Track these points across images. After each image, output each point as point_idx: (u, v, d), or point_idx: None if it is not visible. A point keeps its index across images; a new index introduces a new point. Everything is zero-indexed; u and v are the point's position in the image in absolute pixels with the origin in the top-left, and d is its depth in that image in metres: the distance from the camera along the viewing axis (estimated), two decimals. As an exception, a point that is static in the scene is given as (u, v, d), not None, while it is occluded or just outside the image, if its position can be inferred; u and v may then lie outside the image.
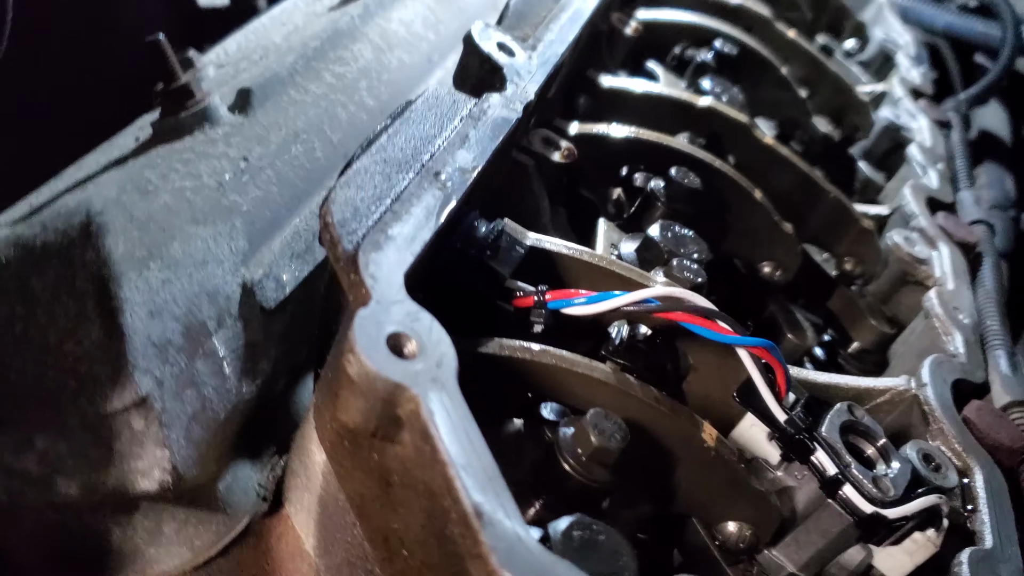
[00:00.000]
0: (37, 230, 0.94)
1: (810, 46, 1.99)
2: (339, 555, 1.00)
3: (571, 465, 0.89)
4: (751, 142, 1.51)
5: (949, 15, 2.59)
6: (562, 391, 0.97)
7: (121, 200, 0.95)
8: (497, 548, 0.68)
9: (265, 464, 1.11)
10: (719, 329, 0.97)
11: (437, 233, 0.91)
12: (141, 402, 0.88)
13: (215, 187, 1.01)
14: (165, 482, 0.93)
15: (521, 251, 1.04)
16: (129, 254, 0.91)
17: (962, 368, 1.31)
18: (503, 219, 1.05)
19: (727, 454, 0.97)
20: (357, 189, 0.87)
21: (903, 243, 1.53)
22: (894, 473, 1.00)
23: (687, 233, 1.23)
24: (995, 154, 2.54)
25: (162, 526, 1.00)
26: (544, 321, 1.00)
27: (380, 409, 0.76)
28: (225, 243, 0.99)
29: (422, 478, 0.76)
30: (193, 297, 0.94)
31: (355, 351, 0.75)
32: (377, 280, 0.81)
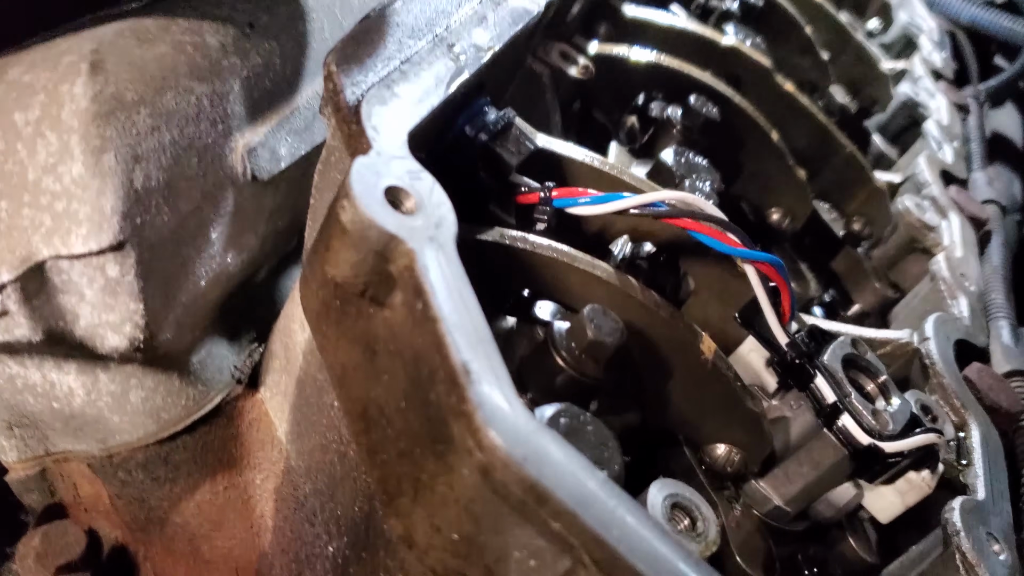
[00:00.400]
0: (25, 67, 0.89)
1: (836, 13, 1.95)
2: (312, 439, 0.96)
3: (564, 358, 0.84)
4: (772, 88, 1.47)
5: (974, 8, 2.55)
6: (561, 288, 0.92)
7: (117, 43, 0.90)
8: (483, 406, 0.64)
9: (243, 348, 1.07)
10: (728, 240, 0.93)
11: (445, 104, 0.86)
12: (118, 247, 0.84)
13: (217, 47, 0.96)
14: (136, 339, 0.88)
15: (530, 146, 0.99)
16: (119, 95, 0.86)
17: (966, 330, 1.27)
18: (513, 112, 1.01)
19: (724, 368, 0.93)
20: (366, 45, 0.83)
21: (914, 208, 1.50)
22: (894, 408, 0.97)
23: (701, 161, 1.19)
24: (1006, 156, 2.51)
25: (129, 393, 0.95)
26: (548, 220, 0.96)
27: (372, 262, 0.72)
28: (221, 104, 0.94)
29: (410, 340, 0.72)
30: (183, 151, 0.90)
31: (351, 197, 0.70)
32: (379, 132, 0.77)
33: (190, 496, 1.00)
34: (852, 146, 1.52)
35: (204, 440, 1.01)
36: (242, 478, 1.02)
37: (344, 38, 0.82)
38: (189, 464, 1.00)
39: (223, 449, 1.01)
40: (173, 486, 1.00)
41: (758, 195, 1.40)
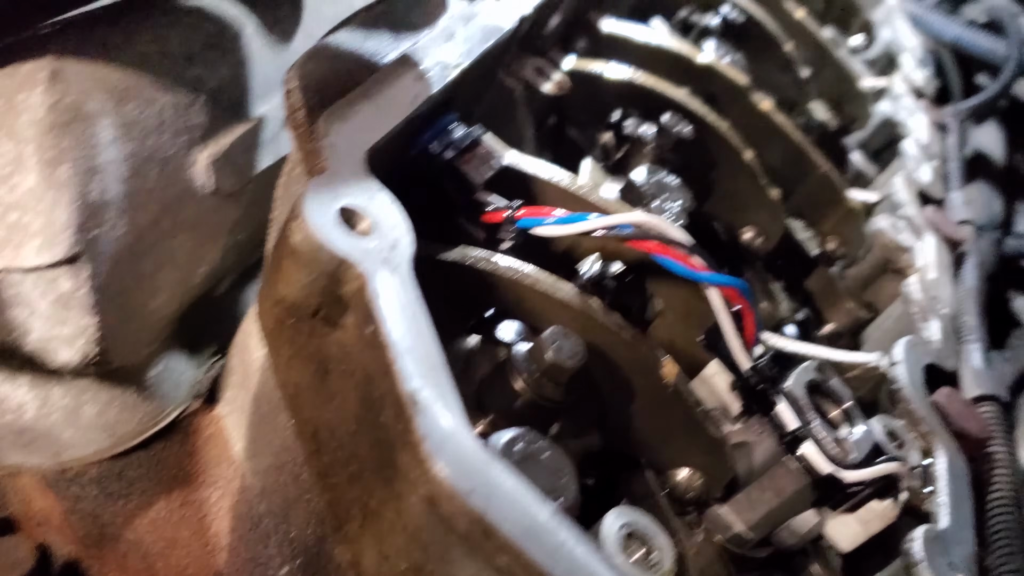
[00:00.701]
0: (-18, 74, 0.87)
1: (817, 30, 1.95)
2: (268, 458, 0.95)
3: (523, 380, 0.84)
4: (747, 106, 1.46)
5: (958, 27, 2.55)
6: (523, 308, 0.91)
7: (79, 53, 0.89)
8: (430, 437, 0.63)
9: (202, 362, 1.06)
10: (692, 264, 0.92)
11: (409, 120, 0.85)
12: (71, 260, 0.82)
13: (183, 57, 0.95)
14: (89, 354, 0.87)
15: (497, 164, 0.98)
16: (78, 105, 0.85)
17: (936, 353, 1.27)
18: (481, 129, 1.00)
19: (686, 393, 0.92)
20: (328, 60, 0.82)
21: (889, 229, 1.49)
22: (857, 436, 0.96)
23: (672, 181, 1.18)
24: (986, 174, 2.52)
25: (82, 407, 0.94)
26: (514, 238, 0.95)
27: (323, 284, 0.71)
28: (185, 115, 0.93)
29: (361, 363, 0.71)
30: (143, 163, 0.88)
31: (302, 218, 0.69)
32: (337, 150, 0.76)
33: (145, 512, 0.99)
34: (828, 165, 1.51)
35: (160, 456, 0.99)
36: (198, 495, 1.01)
37: (306, 53, 0.81)
38: (144, 480, 0.99)
39: (179, 465, 1.00)
40: (127, 502, 0.99)
41: (731, 214, 1.39)
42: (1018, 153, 2.77)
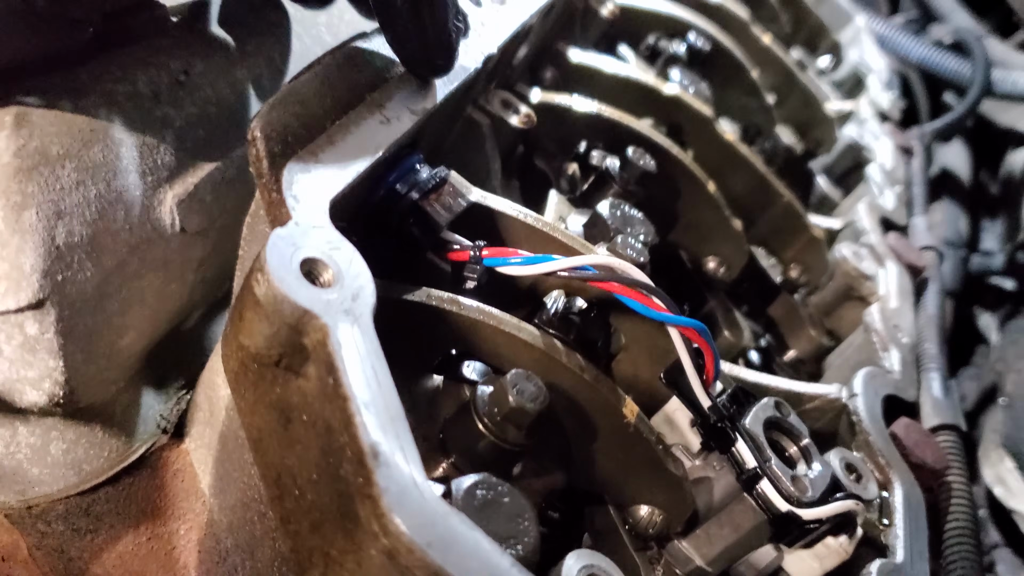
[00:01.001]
0: (-52, 115, 0.88)
1: (784, 55, 1.98)
2: (234, 495, 0.96)
3: (485, 424, 0.85)
4: (712, 137, 1.48)
5: (924, 48, 2.60)
6: (487, 350, 0.93)
7: (45, 94, 0.89)
8: (389, 491, 0.64)
9: (170, 396, 1.06)
10: (653, 305, 0.93)
11: (373, 167, 0.87)
12: (37, 305, 0.83)
13: (149, 97, 0.96)
14: (56, 396, 0.87)
15: (463, 203, 1.00)
16: (44, 149, 0.85)
17: (895, 384, 1.29)
18: (448, 169, 1.01)
19: (646, 432, 0.94)
20: (292, 106, 0.83)
21: (851, 257, 1.52)
22: (814, 474, 0.98)
23: (636, 214, 1.20)
24: (952, 192, 2.56)
25: (49, 445, 0.94)
26: (478, 278, 0.96)
27: (285, 336, 0.72)
28: (151, 155, 0.94)
29: (322, 414, 0.72)
30: (109, 205, 0.89)
31: (265, 271, 0.70)
32: (300, 202, 0.77)
33: (112, 547, 0.99)
34: (790, 195, 1.54)
35: (128, 491, 1.00)
36: (165, 528, 1.01)
37: (271, 101, 0.82)
38: (111, 515, 0.99)
39: (147, 499, 1.00)
40: (95, 537, 0.99)
41: (696, 244, 1.41)
42: (984, 171, 2.82)
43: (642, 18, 1.72)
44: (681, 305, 0.99)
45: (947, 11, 2.76)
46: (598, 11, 1.60)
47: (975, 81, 2.41)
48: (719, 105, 1.70)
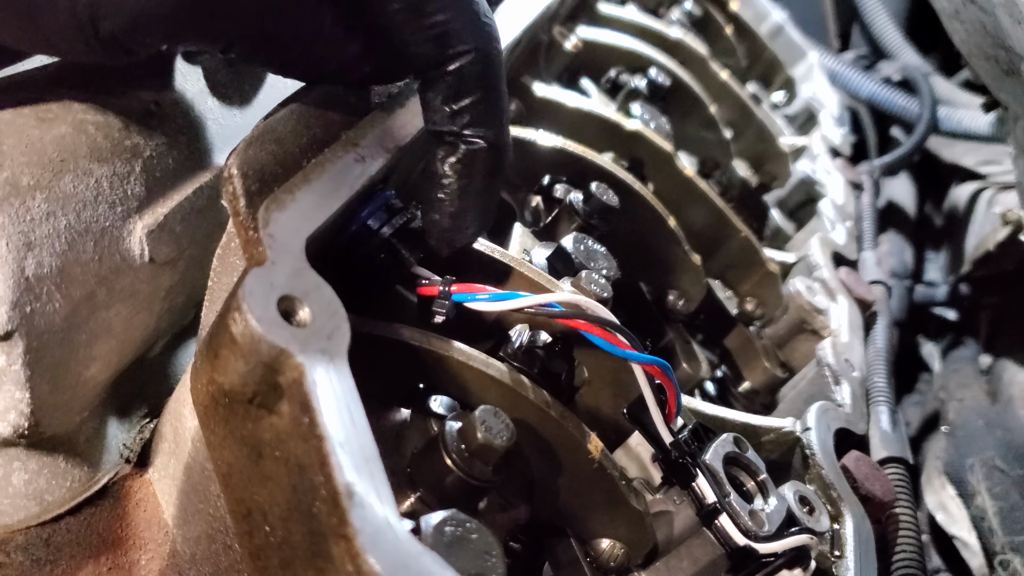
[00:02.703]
0: (-86, 143, 0.87)
1: (741, 91, 2.03)
2: (199, 527, 0.96)
3: (453, 459, 0.86)
4: (672, 172, 1.52)
5: (874, 85, 2.68)
6: (455, 384, 0.94)
7: (15, 123, 0.89)
8: (363, 531, 0.65)
9: (133, 425, 1.06)
10: (617, 342, 0.96)
11: (347, 204, 0.88)
12: (5, 337, 0.82)
13: (120, 126, 0.96)
14: (20, 427, 0.87)
15: (432, 240, 1.01)
16: (14, 180, 0.85)
17: (846, 418, 1.33)
18: (418, 205, 1.02)
19: (610, 468, 0.96)
20: (268, 144, 0.84)
21: (804, 291, 1.56)
22: (770, 509, 1.01)
23: (599, 249, 1.22)
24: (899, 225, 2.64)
25: (11, 476, 0.94)
26: (447, 313, 0.97)
27: (261, 374, 0.73)
28: (121, 185, 0.94)
29: (295, 452, 0.73)
30: (78, 236, 0.89)
31: (242, 309, 0.71)
32: (276, 240, 0.78)
33: (71, 578, 0.99)
34: (747, 230, 1.58)
35: (89, 521, 0.99)
36: (127, 558, 1.01)
37: (247, 138, 0.83)
38: (72, 545, 0.98)
39: (108, 529, 1.00)
40: (54, 567, 0.98)
41: (656, 277, 1.44)
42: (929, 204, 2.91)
43: (604, 52, 1.76)
44: (642, 338, 1.02)
45: (895, 48, 2.84)
46: (562, 45, 1.63)
47: (922, 118, 2.49)
48: (678, 138, 1.74)
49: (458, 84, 0.86)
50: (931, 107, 2.51)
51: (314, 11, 0.84)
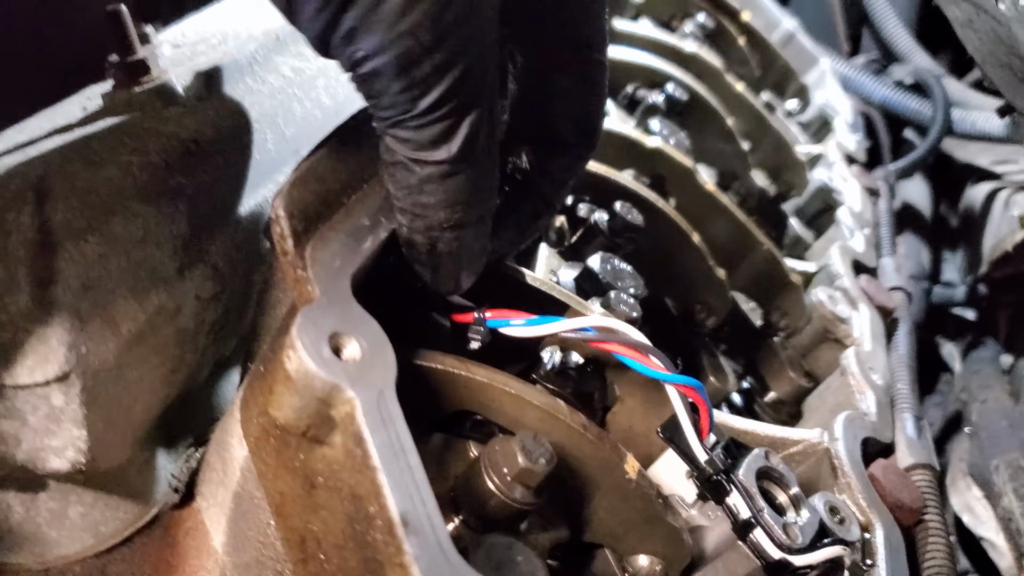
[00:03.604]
0: (-28, 189, 0.90)
1: (756, 102, 2.05)
2: (249, 553, 0.98)
3: (495, 483, 0.89)
4: (693, 187, 1.54)
5: (886, 89, 2.69)
6: (493, 408, 0.97)
7: (64, 168, 0.92)
8: (420, 558, 0.68)
9: (180, 454, 1.09)
10: (650, 364, 0.98)
11: (387, 238, 0.91)
12: (63, 377, 0.86)
13: (163, 167, 0.99)
14: (78, 463, 0.90)
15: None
16: (67, 224, 0.88)
17: (872, 427, 1.35)
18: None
19: (647, 487, 0.98)
20: (311, 183, 0.87)
21: (827, 301, 1.58)
22: (803, 522, 1.03)
23: (625, 267, 1.25)
24: (915, 226, 2.65)
25: (68, 509, 0.97)
26: (482, 339, 1.00)
27: (314, 409, 0.76)
28: (166, 225, 0.97)
29: (349, 482, 0.76)
30: (129, 276, 0.92)
31: (296, 348, 0.74)
32: (323, 278, 0.81)
33: (125, 605, 1.02)
34: (769, 243, 1.60)
35: (141, 551, 1.02)
36: (178, 585, 1.04)
37: (291, 179, 0.86)
38: (126, 575, 1.01)
39: (159, 558, 1.03)
40: (108, 596, 1.02)
41: (681, 292, 1.46)
42: (944, 205, 2.92)
43: (621, 69, 1.79)
44: (672, 355, 1.04)
45: (906, 51, 2.86)
46: (580, 64, 1.65)
47: (936, 121, 2.50)
48: (697, 151, 1.77)
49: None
50: (944, 110, 2.52)
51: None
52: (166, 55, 1.23)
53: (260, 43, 1.22)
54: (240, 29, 1.31)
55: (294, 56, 1.26)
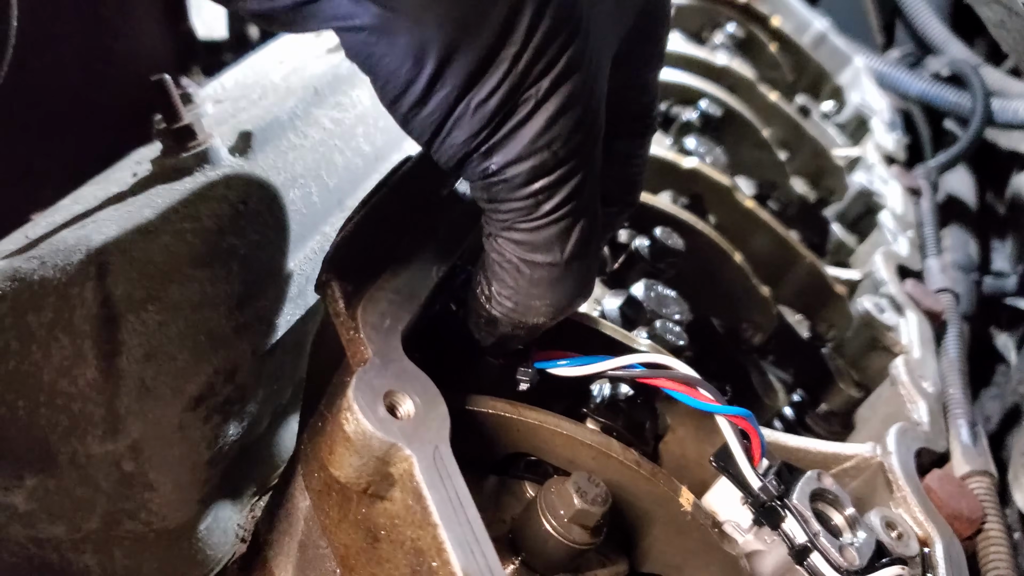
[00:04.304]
0: (35, 265, 0.94)
1: (790, 109, 2.05)
2: (317, 601, 1.01)
3: (552, 525, 0.91)
4: (732, 204, 1.55)
5: (922, 83, 2.66)
6: (545, 450, 0.99)
7: (121, 240, 0.96)
8: (483, 612, 0.71)
9: (245, 504, 1.12)
10: (700, 397, 1.00)
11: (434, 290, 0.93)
12: (132, 445, 0.89)
13: (214, 230, 1.03)
14: (150, 523, 0.94)
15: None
16: (127, 295, 0.92)
17: (925, 437, 1.35)
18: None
19: (702, 518, 0.99)
20: (358, 245, 0.89)
21: (873, 309, 1.58)
22: (859, 543, 1.03)
23: (669, 293, 1.26)
24: (960, 217, 2.62)
25: (142, 566, 1.01)
26: (530, 380, 1.02)
27: (373, 467, 0.78)
28: (222, 286, 1.00)
29: (411, 536, 0.78)
30: (188, 340, 0.95)
31: (353, 410, 0.77)
32: (375, 339, 0.83)
33: (201, 654, 1.05)
34: (812, 255, 1.60)
35: (213, 601, 1.06)
36: (251, 632, 1.07)
37: (338, 241, 0.89)
38: (201, 624, 1.05)
39: (231, 606, 1.07)
40: (185, 646, 1.05)
41: (726, 311, 1.47)
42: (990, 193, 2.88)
43: (654, 88, 1.79)
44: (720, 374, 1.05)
45: (941, 42, 2.82)
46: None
47: (976, 112, 2.47)
48: (734, 163, 1.77)
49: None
50: (984, 101, 2.49)
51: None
52: (209, 113, 1.26)
53: (299, 97, 1.25)
54: (278, 82, 1.35)
55: (332, 107, 1.29)
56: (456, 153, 0.78)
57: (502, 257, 0.84)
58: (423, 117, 0.76)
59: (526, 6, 0.71)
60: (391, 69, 0.73)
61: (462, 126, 0.75)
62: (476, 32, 0.71)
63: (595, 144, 0.81)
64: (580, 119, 0.77)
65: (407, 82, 0.73)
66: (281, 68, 1.41)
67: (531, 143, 0.76)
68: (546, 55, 0.73)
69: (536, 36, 0.72)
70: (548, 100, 0.75)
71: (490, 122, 0.75)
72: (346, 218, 0.92)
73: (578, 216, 0.81)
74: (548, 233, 0.81)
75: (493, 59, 0.72)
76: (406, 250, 0.94)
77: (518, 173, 0.77)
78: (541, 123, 0.75)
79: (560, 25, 0.73)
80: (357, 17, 0.70)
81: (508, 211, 0.80)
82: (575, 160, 0.78)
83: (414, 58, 0.71)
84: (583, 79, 0.76)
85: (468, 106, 0.74)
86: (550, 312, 0.87)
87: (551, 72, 0.74)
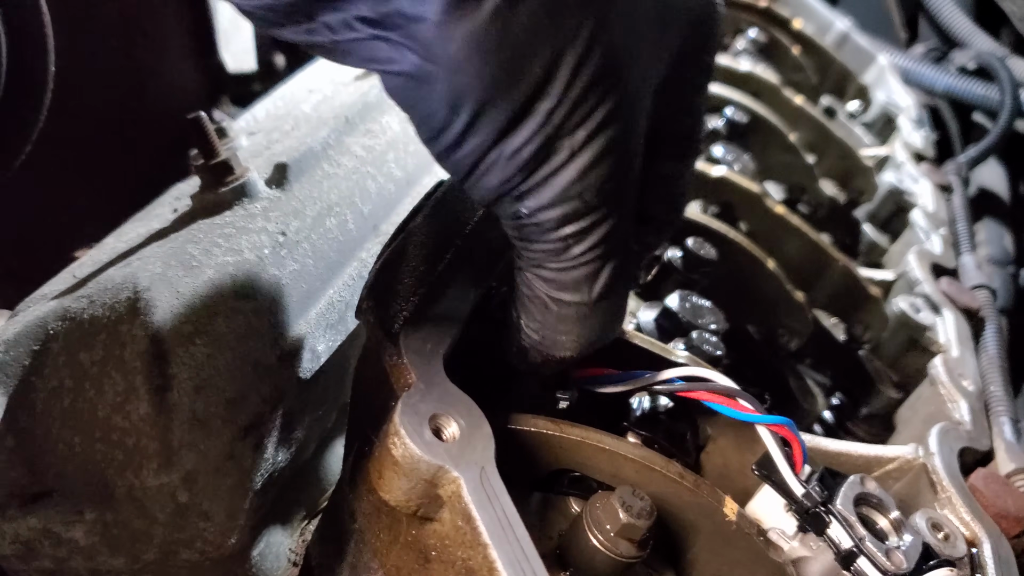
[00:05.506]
0: (84, 304, 0.98)
1: (816, 111, 2.05)
2: (370, 622, 1.03)
3: (599, 540, 0.92)
4: (763, 211, 1.56)
5: (949, 77, 2.64)
6: (589, 465, 1.00)
7: (167, 276, 0.99)
8: (536, 628, 0.72)
9: (295, 528, 1.14)
10: (740, 407, 1.00)
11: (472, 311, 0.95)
12: (186, 476, 0.92)
13: (256, 262, 1.05)
14: (206, 552, 0.96)
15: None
16: (176, 330, 0.94)
17: (968, 436, 1.34)
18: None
19: (747, 527, 1.00)
20: (396, 272, 0.91)
21: (909, 309, 1.58)
22: (906, 546, 1.04)
23: (704, 303, 1.27)
24: (994, 211, 2.59)
25: (198, 592, 1.03)
26: (570, 399, 1.04)
27: (422, 490, 0.80)
28: (265, 317, 1.03)
29: (461, 556, 0.80)
30: (235, 371, 0.98)
31: (400, 434, 0.79)
32: (417, 364, 0.85)
33: None
34: (844, 258, 1.60)
35: (270, 624, 1.08)
36: (306, 654, 1.09)
37: (377, 267, 0.91)
38: (257, 649, 1.07)
39: (286, 631, 1.09)
40: (242, 672, 1.07)
41: (762, 319, 1.48)
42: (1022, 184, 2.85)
43: (679, 98, 1.80)
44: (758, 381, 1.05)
45: (966, 35, 2.80)
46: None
47: (1005, 105, 2.45)
48: (763, 168, 1.78)
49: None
50: (1013, 92, 2.46)
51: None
52: (243, 146, 1.29)
53: (331, 127, 1.28)
54: (309, 112, 1.37)
55: (363, 135, 1.32)
56: (488, 195, 0.79)
57: (531, 292, 0.85)
58: (457, 159, 0.77)
59: (564, 61, 0.72)
60: (427, 112, 0.74)
61: (495, 171, 0.76)
62: (511, 86, 0.72)
63: (629, 188, 0.82)
64: (614, 169, 0.78)
65: (443, 127, 0.74)
66: (311, 98, 1.44)
67: (563, 192, 0.77)
68: (582, 108, 0.74)
69: (573, 91, 0.73)
70: (582, 151, 0.75)
71: (522, 169, 0.76)
72: (383, 244, 0.94)
73: (608, 258, 0.82)
74: (577, 274, 0.82)
75: (527, 112, 0.73)
76: (443, 273, 0.95)
77: (549, 219, 0.78)
78: (574, 173, 0.76)
79: (599, 79, 0.74)
80: (396, 64, 0.72)
81: (538, 251, 0.82)
82: (607, 207, 0.79)
83: (450, 107, 0.72)
84: (620, 129, 0.77)
85: (501, 153, 0.75)
86: (576, 347, 0.89)
87: (586, 124, 0.75)
